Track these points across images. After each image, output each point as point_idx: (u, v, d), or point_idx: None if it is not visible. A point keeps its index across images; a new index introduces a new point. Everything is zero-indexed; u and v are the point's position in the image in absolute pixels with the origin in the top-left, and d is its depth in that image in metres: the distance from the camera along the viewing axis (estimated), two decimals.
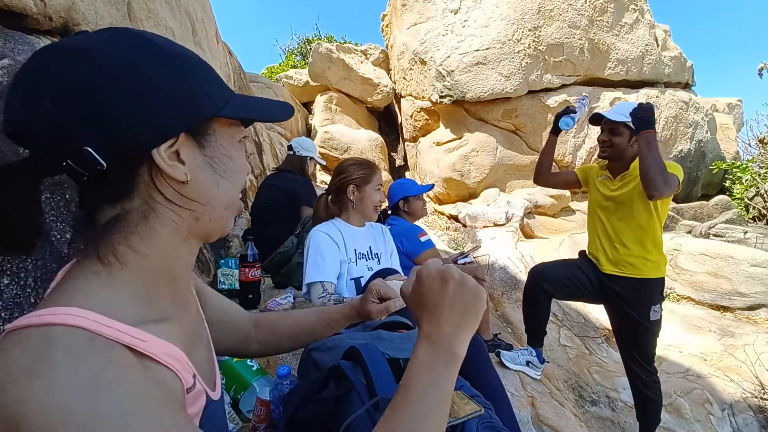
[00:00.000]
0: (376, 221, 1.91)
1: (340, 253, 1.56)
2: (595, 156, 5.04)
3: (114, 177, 0.44)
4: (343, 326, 0.87)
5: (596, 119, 2.07)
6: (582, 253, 2.25)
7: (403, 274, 1.59)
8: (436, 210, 5.83)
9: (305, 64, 8.69)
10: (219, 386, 0.58)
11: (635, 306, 1.96)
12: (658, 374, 2.05)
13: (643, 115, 1.81)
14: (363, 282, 1.56)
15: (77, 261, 0.46)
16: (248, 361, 1.61)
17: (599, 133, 2.05)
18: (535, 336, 2.18)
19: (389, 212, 2.57)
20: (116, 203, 0.45)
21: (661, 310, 1.97)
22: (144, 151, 0.43)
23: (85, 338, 0.38)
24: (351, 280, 1.56)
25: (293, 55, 10.97)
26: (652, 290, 1.96)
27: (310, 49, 7.41)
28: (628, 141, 1.94)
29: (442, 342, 0.48)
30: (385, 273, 1.48)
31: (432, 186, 2.66)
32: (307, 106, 7.65)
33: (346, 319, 0.87)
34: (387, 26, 7.20)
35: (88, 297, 0.41)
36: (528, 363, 2.15)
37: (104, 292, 0.43)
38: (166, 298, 0.50)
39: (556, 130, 2.16)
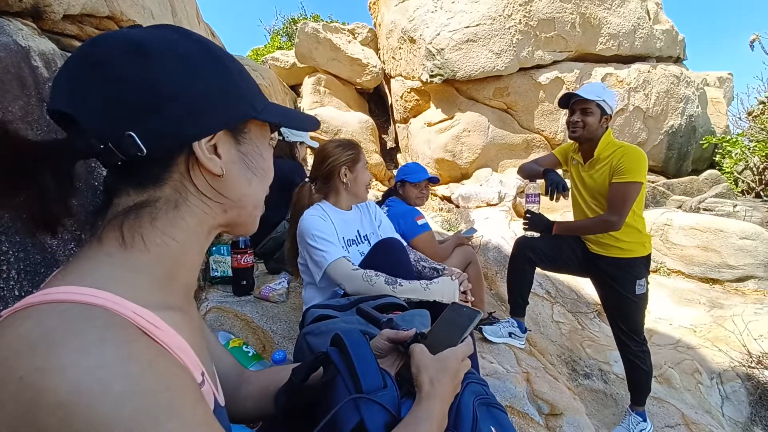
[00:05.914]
0: (375, 203, 1.88)
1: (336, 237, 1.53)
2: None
3: (150, 164, 0.45)
4: None
5: (565, 100, 2.04)
6: None
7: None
8: None
9: (291, 45, 8.47)
10: (221, 394, 0.55)
11: (620, 282, 2.02)
12: (648, 345, 2.11)
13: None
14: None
15: (89, 243, 0.46)
16: (244, 346, 1.60)
17: (568, 114, 2.04)
18: (518, 305, 2.22)
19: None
20: (144, 190, 0.46)
21: (647, 283, 2.03)
22: (185, 142, 0.45)
23: (104, 315, 0.37)
24: None
25: (279, 36, 10.71)
26: (636, 267, 2.01)
27: (296, 29, 7.21)
28: (599, 121, 1.95)
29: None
30: (386, 245, 1.46)
31: (435, 179, 2.50)
32: (295, 88, 7.48)
33: None
34: (374, 4, 7.01)
35: (103, 277, 0.41)
36: (510, 334, 2.19)
37: (119, 273, 0.43)
38: (180, 288, 0.50)
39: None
